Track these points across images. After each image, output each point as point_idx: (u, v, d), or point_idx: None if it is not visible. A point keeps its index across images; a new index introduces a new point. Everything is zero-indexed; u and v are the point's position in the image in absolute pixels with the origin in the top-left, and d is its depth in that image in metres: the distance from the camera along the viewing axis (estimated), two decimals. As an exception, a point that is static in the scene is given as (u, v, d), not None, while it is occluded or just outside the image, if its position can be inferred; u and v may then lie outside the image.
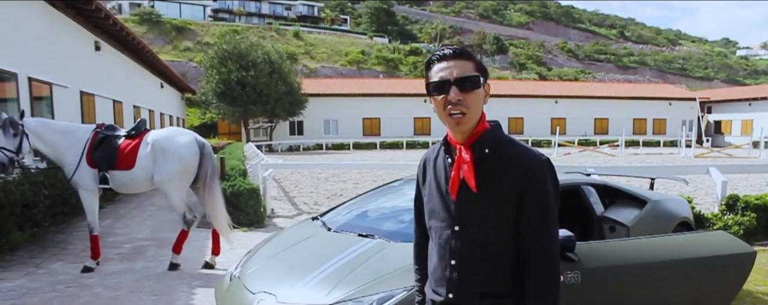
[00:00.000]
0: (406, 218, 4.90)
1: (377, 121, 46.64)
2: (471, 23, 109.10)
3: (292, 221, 10.71)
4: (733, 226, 8.60)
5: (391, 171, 19.25)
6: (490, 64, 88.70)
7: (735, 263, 4.35)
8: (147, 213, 11.78)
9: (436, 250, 2.10)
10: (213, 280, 6.68)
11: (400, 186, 5.70)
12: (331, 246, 4.49)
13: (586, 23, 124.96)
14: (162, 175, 6.84)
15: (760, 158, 27.68)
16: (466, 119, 1.96)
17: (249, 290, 4.10)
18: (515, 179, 1.96)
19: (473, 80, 1.96)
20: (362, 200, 5.57)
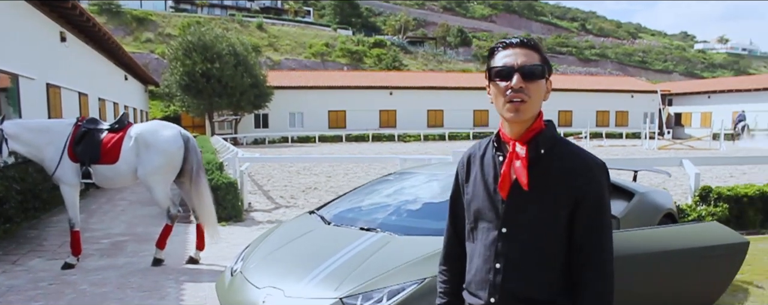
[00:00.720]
0: (407, 211, 4.90)
1: (343, 114, 46.49)
2: (434, 15, 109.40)
3: (270, 215, 10.64)
4: (707, 217, 8.79)
5: (365, 165, 19.24)
6: (454, 57, 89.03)
7: (729, 252, 4.45)
8: (119, 208, 11.58)
9: (481, 252, 1.99)
10: (199, 275, 6.61)
11: (395, 180, 5.69)
12: (334, 239, 4.47)
13: (548, 16, 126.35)
14: (146, 169, 6.73)
15: (721, 149, 28.36)
16: (525, 107, 1.86)
17: (254, 285, 4.06)
18: (571, 182, 1.89)
19: (537, 69, 1.88)
20: (357, 194, 5.55)
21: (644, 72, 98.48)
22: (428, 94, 48.43)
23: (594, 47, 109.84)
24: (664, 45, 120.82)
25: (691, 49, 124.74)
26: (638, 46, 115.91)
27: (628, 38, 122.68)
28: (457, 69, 79.45)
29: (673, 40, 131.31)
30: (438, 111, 48.83)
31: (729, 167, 17.78)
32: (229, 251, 7.80)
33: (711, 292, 4.47)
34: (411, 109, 47.65)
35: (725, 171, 17.27)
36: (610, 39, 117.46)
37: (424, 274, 3.80)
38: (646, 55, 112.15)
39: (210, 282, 6.29)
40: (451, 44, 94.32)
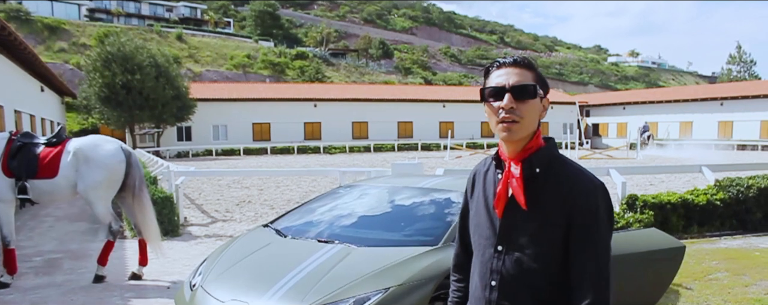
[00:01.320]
0: (362, 223, 5.02)
1: (267, 126, 46.13)
2: (356, 28, 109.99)
3: (207, 229, 10.52)
4: (634, 223, 9.24)
5: (295, 177, 19.20)
6: (376, 69, 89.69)
7: (668, 256, 4.76)
8: (46, 224, 11.21)
9: (478, 268, 1.99)
10: (145, 291, 6.52)
11: (345, 192, 5.79)
12: (293, 252, 4.54)
13: (468, 29, 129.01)
14: (86, 184, 6.59)
15: (638, 158, 29.74)
16: (517, 127, 1.84)
17: (216, 299, 4.08)
18: (565, 201, 1.85)
19: (529, 89, 1.85)
20: (309, 207, 5.62)
21: (561, 84, 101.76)
22: (353, 106, 48.67)
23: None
24: (579, 58, 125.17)
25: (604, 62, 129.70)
26: (555, 59, 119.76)
27: (545, 51, 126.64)
28: (380, 81, 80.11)
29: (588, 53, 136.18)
30: (362, 123, 49.11)
31: (647, 175, 18.66)
32: (170, 266, 7.71)
33: (654, 293, 4.77)
34: (336, 121, 47.76)
35: (644, 179, 18.13)
36: (528, 52, 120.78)
37: (387, 284, 3.94)
38: (562, 67, 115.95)
39: (156, 297, 6.23)
40: (373, 56, 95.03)
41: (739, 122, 42.95)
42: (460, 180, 5.73)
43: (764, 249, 8.90)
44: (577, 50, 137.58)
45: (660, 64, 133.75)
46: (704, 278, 6.98)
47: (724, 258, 7.95)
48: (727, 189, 10.19)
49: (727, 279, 6.92)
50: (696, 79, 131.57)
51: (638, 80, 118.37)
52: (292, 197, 14.42)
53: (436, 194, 5.27)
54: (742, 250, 8.63)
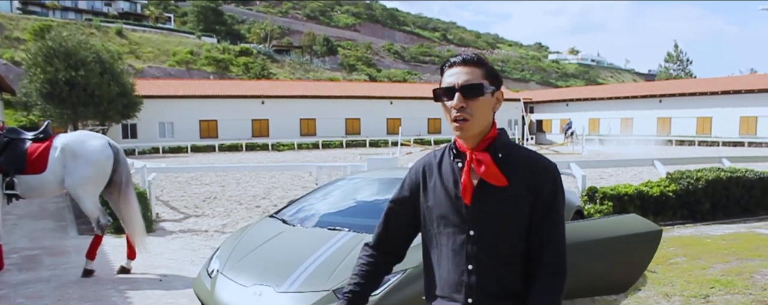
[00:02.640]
0: (367, 212, 5.29)
1: (214, 123, 45.71)
2: (299, 24, 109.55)
3: (181, 225, 10.60)
4: (595, 214, 9.76)
5: (254, 174, 19.25)
6: (321, 66, 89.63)
7: (647, 239, 5.16)
8: (11, 222, 11.05)
9: (450, 256, 2.03)
10: (137, 283, 6.62)
11: (345, 184, 6.06)
12: (307, 240, 4.79)
13: (411, 26, 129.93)
14: (74, 179, 6.65)
15: (583, 153, 30.76)
16: (469, 125, 1.94)
17: (240, 284, 4.31)
18: (528, 180, 1.97)
19: (477, 87, 1.94)
20: (311, 199, 5.86)
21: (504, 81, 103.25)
22: (300, 103, 48.64)
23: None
24: (520, 55, 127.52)
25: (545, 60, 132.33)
26: (497, 56, 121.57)
27: (488, 48, 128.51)
28: (325, 78, 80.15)
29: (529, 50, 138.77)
30: (310, 120, 49.13)
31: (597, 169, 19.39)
32: (153, 260, 7.79)
33: (635, 272, 5.17)
34: (283, 118, 47.65)
35: (595, 173, 18.85)
36: (470, 49, 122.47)
37: (404, 266, 4.21)
38: (504, 64, 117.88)
39: (151, 289, 6.35)
40: (318, 53, 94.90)
41: (676, 118, 44.77)
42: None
43: (714, 236, 9.55)
44: (518, 48, 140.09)
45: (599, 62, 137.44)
46: (666, 262, 7.49)
47: (680, 245, 8.49)
48: (678, 181, 10.82)
49: (686, 264, 7.46)
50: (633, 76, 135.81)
51: (578, 77, 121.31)
52: (257, 193, 14.54)
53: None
54: (694, 237, 9.23)
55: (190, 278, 6.86)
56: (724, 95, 44.39)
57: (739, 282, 6.62)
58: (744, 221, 10.90)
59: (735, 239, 9.30)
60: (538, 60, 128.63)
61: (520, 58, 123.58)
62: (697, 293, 6.17)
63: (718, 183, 10.88)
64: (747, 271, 7.14)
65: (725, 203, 10.97)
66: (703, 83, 50.21)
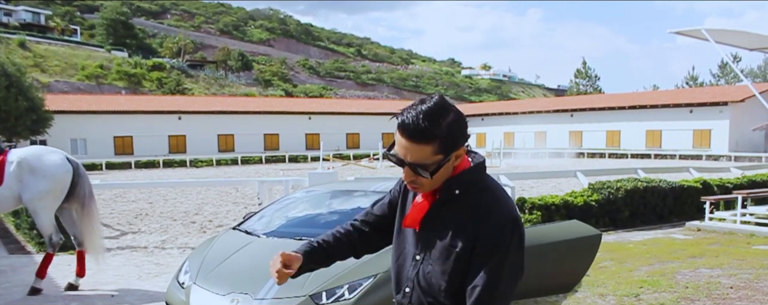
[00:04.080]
0: (332, 222, 5.54)
1: (129, 139, 44.59)
2: (212, 38, 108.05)
3: (119, 241, 10.49)
4: (526, 223, 10.30)
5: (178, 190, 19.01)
6: (236, 81, 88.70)
7: (588, 243, 5.63)
8: (-68, 243, 10.62)
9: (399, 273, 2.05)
10: (89, 299, 6.60)
11: (302, 197, 6.29)
12: (277, 249, 4.95)
13: (325, 41, 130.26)
14: (32, 194, 6.59)
15: (501, 166, 31.78)
16: (422, 189, 1.90)
17: (214, 293, 4.49)
18: (473, 229, 1.84)
19: (424, 167, 1.81)
20: (270, 212, 6.05)
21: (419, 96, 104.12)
22: (218, 118, 48.12)
23: (370, 72, 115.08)
24: (434, 71, 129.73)
25: (459, 75, 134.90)
26: (411, 72, 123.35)
27: (402, 64, 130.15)
28: (240, 93, 79.29)
29: (442, 66, 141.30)
30: (229, 136, 48.65)
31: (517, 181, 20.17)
32: (99, 277, 7.72)
33: (578, 274, 5.63)
34: (201, 133, 47.00)
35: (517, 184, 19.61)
36: (385, 64, 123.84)
37: (374, 271, 4.53)
38: (419, 79, 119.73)
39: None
40: (232, 68, 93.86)
41: (587, 132, 46.95)
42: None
43: (635, 241, 10.27)
44: (432, 63, 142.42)
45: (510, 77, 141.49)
46: (596, 266, 8.03)
47: (606, 250, 9.10)
48: (600, 191, 11.54)
49: (614, 267, 8.06)
50: (544, 91, 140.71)
51: (491, 92, 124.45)
52: (188, 209, 14.44)
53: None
54: (617, 243, 9.92)
55: (142, 292, 6.91)
56: (631, 110, 47.02)
57: (664, 281, 7.23)
58: (659, 227, 11.73)
59: (654, 244, 10.05)
60: (451, 75, 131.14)
61: (434, 74, 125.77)
62: (629, 292, 6.72)
63: (636, 193, 11.67)
64: (669, 272, 7.79)
65: (643, 211, 11.79)
66: (611, 99, 52.96)
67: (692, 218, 11.99)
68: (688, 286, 7.05)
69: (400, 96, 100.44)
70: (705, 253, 9.13)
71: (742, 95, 43.96)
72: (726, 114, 43.17)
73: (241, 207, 14.86)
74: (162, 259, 9.04)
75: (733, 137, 43.15)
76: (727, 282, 7.26)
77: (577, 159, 41.94)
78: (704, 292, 6.78)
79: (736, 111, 43.22)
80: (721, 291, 6.81)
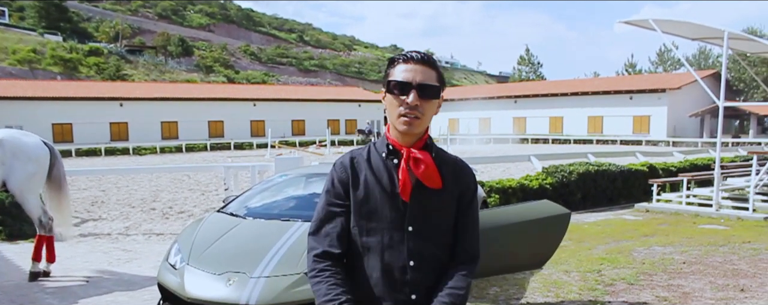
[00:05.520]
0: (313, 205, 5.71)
1: (69, 127, 43.38)
2: (150, 23, 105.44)
3: (80, 229, 10.38)
4: (490, 205, 10.62)
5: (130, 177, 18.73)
6: (177, 67, 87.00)
7: (558, 221, 5.92)
8: None
9: (383, 254, 2.01)
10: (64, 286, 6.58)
11: (283, 181, 6.42)
12: (266, 230, 5.17)
13: (267, 27, 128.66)
14: (19, 178, 6.51)
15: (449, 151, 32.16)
16: (418, 123, 1.96)
17: (209, 272, 4.62)
18: (455, 180, 2.07)
19: (434, 89, 1.98)
20: (251, 195, 6.17)
21: (361, 82, 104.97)
22: (161, 105, 47.28)
23: (313, 58, 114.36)
24: (377, 57, 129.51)
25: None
26: (354, 58, 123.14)
27: (344, 50, 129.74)
28: (181, 79, 77.82)
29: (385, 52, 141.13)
30: (172, 123, 47.87)
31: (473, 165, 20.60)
32: (68, 263, 7.68)
33: (549, 250, 5.91)
34: (143, 121, 46.11)
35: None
36: (327, 50, 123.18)
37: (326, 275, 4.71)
38: (361, 66, 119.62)
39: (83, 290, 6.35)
40: (173, 54, 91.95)
41: (531, 118, 47.97)
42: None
43: (590, 222, 10.74)
44: (374, 50, 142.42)
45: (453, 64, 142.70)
46: (557, 245, 8.42)
47: (564, 230, 9.49)
48: (553, 175, 11.98)
49: (574, 246, 8.45)
50: (486, 78, 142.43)
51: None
52: (144, 196, 14.32)
53: (367, 179, 6.10)
54: (573, 224, 10.26)
55: (117, 277, 6.94)
56: (573, 97, 48.28)
57: (621, 258, 7.65)
58: (610, 209, 12.26)
59: (607, 224, 10.53)
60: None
61: (376, 60, 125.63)
62: (591, 269, 7.09)
63: (588, 176, 12.17)
64: (625, 250, 8.23)
65: (594, 193, 12.29)
66: (554, 85, 54.22)
67: (640, 200, 12.56)
68: (644, 262, 7.48)
69: (343, 82, 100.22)
70: (656, 232, 9.64)
71: (679, 83, 45.75)
72: (664, 101, 44.86)
73: (197, 194, 14.81)
74: (129, 245, 9.02)
75: (671, 123, 44.87)
76: (679, 258, 7.72)
77: (522, 145, 42.82)
78: (660, 267, 7.20)
79: (674, 98, 44.91)
80: (676, 266, 7.25)
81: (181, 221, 11.01)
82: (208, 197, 14.28)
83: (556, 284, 6.46)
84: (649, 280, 6.64)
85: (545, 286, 6.41)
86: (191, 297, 4.54)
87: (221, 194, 14.23)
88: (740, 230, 9.79)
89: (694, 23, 11.95)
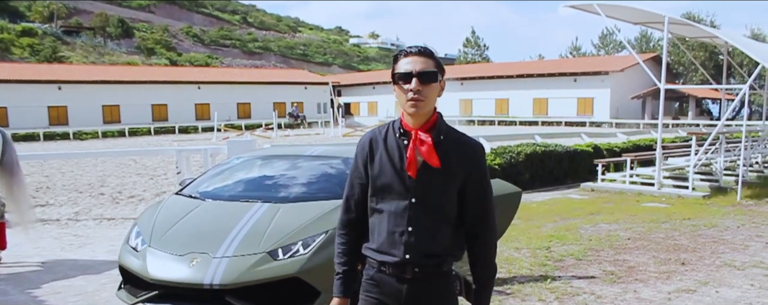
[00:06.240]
0: (276, 186, 5.76)
1: (3, 110, 41.82)
2: (87, 3, 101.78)
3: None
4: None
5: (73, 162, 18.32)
6: (117, 50, 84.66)
7: (511, 200, 6.11)
8: None
9: (391, 219, 2.33)
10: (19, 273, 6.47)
11: (241, 162, 6.43)
12: (226, 212, 5.22)
13: (210, 8, 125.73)
14: None
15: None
16: (422, 105, 2.26)
17: (172, 253, 4.66)
18: (464, 161, 2.33)
19: (432, 74, 2.28)
20: (212, 177, 6.17)
21: (307, 64, 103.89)
22: (101, 88, 46.11)
23: (257, 40, 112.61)
24: (322, 39, 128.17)
25: (347, 44, 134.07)
26: (299, 40, 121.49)
27: (289, 32, 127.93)
28: (122, 62, 75.79)
29: (330, 34, 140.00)
30: (114, 106, 46.77)
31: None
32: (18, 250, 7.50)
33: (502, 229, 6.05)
34: (84, 104, 44.89)
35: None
36: (272, 32, 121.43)
37: (326, 227, 4.84)
38: (306, 48, 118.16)
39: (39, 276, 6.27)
40: (112, 35, 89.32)
41: (477, 100, 48.52)
42: (338, 148, 6.74)
43: (538, 201, 11.07)
44: (319, 32, 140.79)
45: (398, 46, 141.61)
46: (507, 224, 8.66)
47: (513, 209, 9.75)
48: (502, 156, 12.24)
49: (523, 224, 8.71)
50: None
51: (379, 60, 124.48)
52: (91, 181, 14.03)
53: (326, 159, 6.18)
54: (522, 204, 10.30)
55: (72, 262, 6.87)
56: (519, 79, 49.02)
57: (569, 236, 7.94)
58: (556, 188, 12.63)
59: (554, 203, 10.86)
60: (339, 44, 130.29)
61: (322, 43, 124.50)
62: (541, 246, 7.35)
63: (535, 157, 12.48)
64: (573, 228, 8.54)
65: (541, 173, 12.63)
66: (500, 67, 54.89)
67: (585, 180, 12.96)
68: (591, 239, 7.78)
69: (289, 65, 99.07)
70: (601, 210, 10.00)
71: (621, 65, 46.93)
72: (607, 83, 45.99)
73: (146, 178, 14.61)
74: (80, 231, 8.89)
75: (614, 105, 46.04)
76: (624, 234, 8.06)
77: (469, 127, 43.28)
78: (606, 243, 7.51)
79: (617, 80, 46.09)
80: (621, 242, 7.57)
81: (132, 206, 10.88)
82: (158, 181, 14.10)
83: (507, 260, 6.68)
84: (596, 256, 6.92)
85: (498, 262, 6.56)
86: (154, 278, 4.57)
87: (171, 179, 14.09)
88: (681, 207, 10.24)
89: (636, 8, 12.33)
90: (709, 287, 5.69)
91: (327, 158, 6.24)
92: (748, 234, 8.14)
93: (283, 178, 5.93)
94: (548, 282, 5.83)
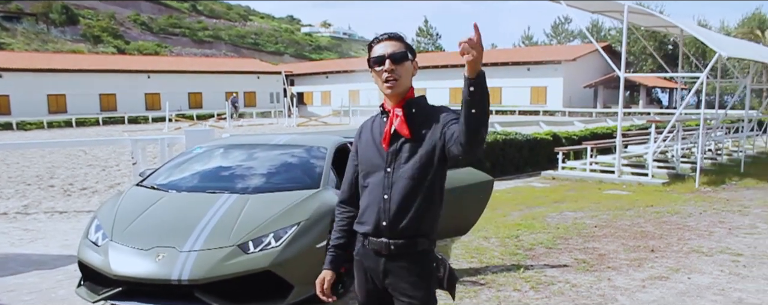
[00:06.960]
0: (242, 176, 5.55)
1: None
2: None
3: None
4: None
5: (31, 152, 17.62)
6: (61, 37, 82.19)
7: (483, 188, 6.04)
8: None
9: (372, 189, 2.54)
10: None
11: (205, 152, 6.19)
12: (192, 203, 5.00)
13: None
14: None
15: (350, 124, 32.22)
16: (396, 84, 2.46)
17: (136, 248, 4.43)
18: (431, 124, 2.49)
19: (402, 54, 2.48)
20: (174, 167, 5.92)
21: (258, 53, 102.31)
22: (46, 77, 44.60)
23: (207, 29, 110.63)
24: (273, 28, 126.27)
25: (298, 33, 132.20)
26: (250, 29, 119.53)
27: (240, 20, 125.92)
28: (67, 49, 73.55)
29: (282, 23, 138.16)
30: (59, 96, 45.34)
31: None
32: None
33: (476, 215, 6.01)
34: (27, 94, 43.38)
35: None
36: (222, 21, 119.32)
37: (297, 219, 4.69)
38: (258, 37, 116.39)
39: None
40: (55, 22, 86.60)
41: (431, 89, 48.30)
42: (304, 137, 6.58)
43: (500, 190, 11.02)
44: (271, 20, 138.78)
45: (351, 35, 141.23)
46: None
47: (477, 198, 9.71)
48: (463, 144, 12.16)
49: (489, 213, 8.54)
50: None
51: (331, 50, 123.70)
52: (39, 173, 13.48)
53: (292, 149, 6.00)
54: (485, 192, 10.59)
55: (24, 258, 6.54)
56: (477, 68, 48.87)
57: (537, 224, 7.92)
58: (518, 177, 12.65)
59: (517, 192, 10.86)
60: (291, 33, 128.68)
61: (273, 31, 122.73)
62: (509, 234, 7.30)
63: (496, 145, 12.45)
64: (539, 216, 8.53)
65: (502, 162, 12.61)
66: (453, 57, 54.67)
67: (545, 168, 13.02)
68: (559, 227, 7.77)
69: (240, 54, 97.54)
70: (565, 198, 10.03)
71: (574, 54, 47.55)
72: (560, 72, 46.55)
73: (98, 169, 14.13)
74: (30, 225, 8.49)
75: (567, 94, 46.65)
76: (590, 222, 8.08)
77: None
78: (574, 231, 7.51)
79: (569, 69, 46.68)
80: (588, 230, 7.58)
81: (84, 198, 10.47)
82: (110, 172, 13.64)
83: (477, 250, 6.61)
84: (565, 244, 6.90)
85: (468, 252, 6.53)
86: (117, 274, 4.34)
87: (124, 170, 13.66)
88: (642, 194, 10.35)
89: (594, -3, 12.42)
90: (680, 273, 5.71)
91: (291, 146, 6.07)
92: (711, 220, 8.24)
93: (250, 168, 5.73)
94: (521, 272, 5.77)
